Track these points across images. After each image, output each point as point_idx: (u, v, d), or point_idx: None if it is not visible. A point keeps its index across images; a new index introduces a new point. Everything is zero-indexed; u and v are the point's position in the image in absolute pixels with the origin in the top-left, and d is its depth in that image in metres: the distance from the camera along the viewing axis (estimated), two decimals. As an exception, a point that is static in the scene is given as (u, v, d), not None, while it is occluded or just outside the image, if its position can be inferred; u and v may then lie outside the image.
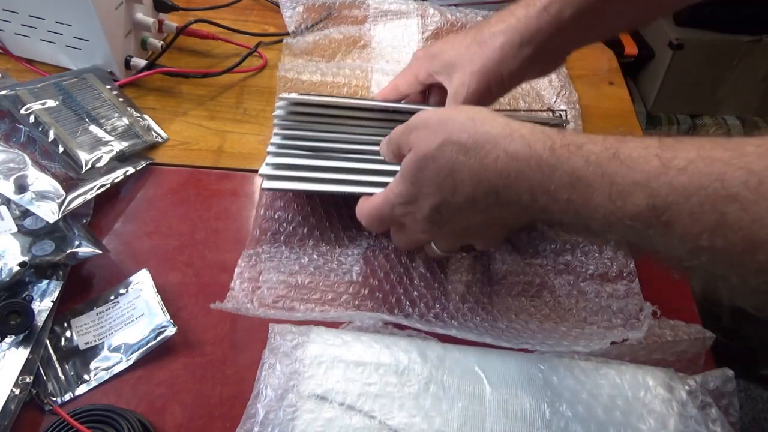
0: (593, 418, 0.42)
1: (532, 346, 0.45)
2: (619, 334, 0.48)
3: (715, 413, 0.42)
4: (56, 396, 0.43)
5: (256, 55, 0.72)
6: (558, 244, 0.55)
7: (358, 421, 0.41)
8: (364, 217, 0.47)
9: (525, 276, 0.53)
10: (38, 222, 0.50)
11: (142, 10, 0.67)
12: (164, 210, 0.56)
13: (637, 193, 0.31)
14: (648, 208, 0.30)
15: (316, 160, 0.52)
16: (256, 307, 0.49)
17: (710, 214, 0.28)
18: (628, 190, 0.31)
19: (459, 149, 0.38)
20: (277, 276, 0.51)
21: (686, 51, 1.54)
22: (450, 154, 0.38)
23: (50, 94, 0.60)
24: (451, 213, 0.41)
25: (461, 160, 0.38)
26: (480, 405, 0.42)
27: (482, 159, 0.37)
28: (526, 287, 0.52)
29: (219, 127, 0.65)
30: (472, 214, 0.41)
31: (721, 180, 0.28)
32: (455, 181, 0.39)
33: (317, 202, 0.57)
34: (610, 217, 0.32)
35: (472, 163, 0.38)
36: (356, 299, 0.50)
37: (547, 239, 0.56)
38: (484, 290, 0.52)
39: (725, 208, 0.28)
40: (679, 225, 0.30)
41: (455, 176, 0.39)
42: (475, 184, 0.38)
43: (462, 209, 0.40)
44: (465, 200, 0.39)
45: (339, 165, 0.52)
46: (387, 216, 0.45)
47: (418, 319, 0.49)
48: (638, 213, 0.31)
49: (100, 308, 0.48)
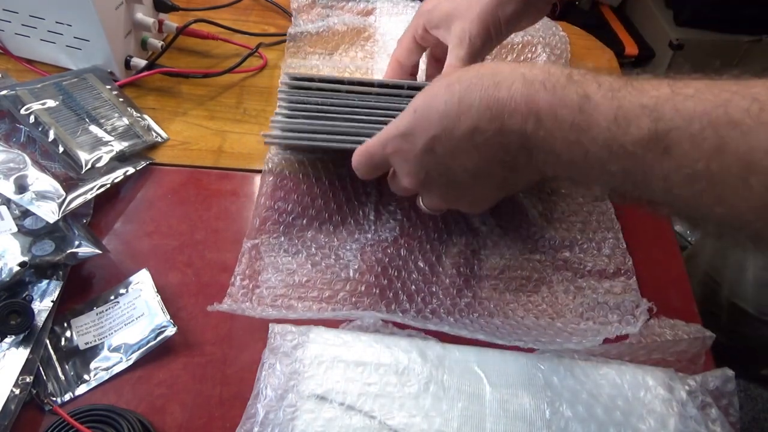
0: (593, 418, 0.42)
1: (525, 344, 0.46)
2: (612, 330, 0.48)
3: (715, 413, 0.42)
4: (56, 396, 0.43)
5: (257, 55, 0.72)
6: (557, 240, 0.56)
7: (358, 421, 0.41)
8: (356, 157, 0.47)
9: (523, 271, 0.53)
10: (38, 222, 0.50)
11: (142, 10, 0.67)
12: (164, 210, 0.56)
13: (642, 117, 0.31)
14: (650, 133, 0.31)
15: (318, 120, 0.54)
16: (254, 306, 0.49)
17: (711, 138, 0.28)
18: (635, 113, 0.31)
19: (474, 76, 0.38)
20: (275, 276, 0.51)
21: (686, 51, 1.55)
22: (466, 80, 0.38)
23: (50, 94, 0.60)
24: (445, 152, 0.40)
25: (475, 82, 0.38)
26: (480, 405, 0.42)
27: (498, 83, 0.37)
28: (524, 282, 0.53)
29: (219, 127, 0.65)
30: (467, 155, 0.39)
31: (725, 106, 0.28)
32: (462, 107, 0.38)
33: (317, 192, 0.57)
34: (612, 143, 0.32)
35: (487, 85, 0.37)
36: (353, 296, 0.51)
37: (545, 237, 0.56)
38: (481, 285, 0.52)
39: (726, 133, 0.28)
40: (678, 149, 0.30)
41: (464, 101, 0.38)
42: (483, 108, 0.37)
43: (458, 148, 0.39)
44: (465, 132, 0.38)
45: (341, 125, 0.53)
46: (378, 155, 0.45)
47: (415, 315, 0.49)
48: (641, 137, 0.31)
49: (100, 308, 0.48)
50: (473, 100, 0.37)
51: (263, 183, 0.57)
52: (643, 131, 0.31)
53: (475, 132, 0.38)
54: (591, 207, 0.59)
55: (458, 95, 0.38)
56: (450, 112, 0.38)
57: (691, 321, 0.49)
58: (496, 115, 0.37)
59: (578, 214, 0.58)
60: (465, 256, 0.54)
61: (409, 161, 0.42)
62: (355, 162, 0.48)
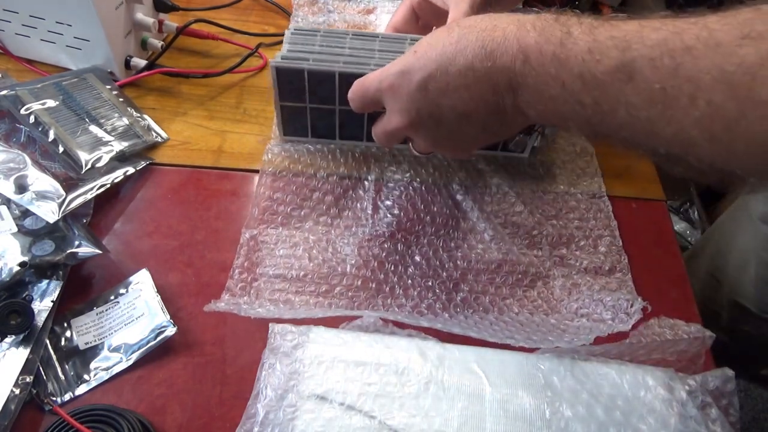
0: (593, 418, 0.42)
1: (516, 342, 0.46)
2: (605, 329, 0.48)
3: (715, 413, 0.42)
4: (56, 396, 0.43)
5: (256, 55, 0.72)
6: (554, 237, 0.56)
7: (358, 421, 0.41)
8: (352, 89, 0.48)
9: (520, 266, 0.54)
10: (38, 222, 0.50)
11: (142, 10, 0.67)
12: (164, 210, 0.56)
13: (612, 48, 0.34)
14: (618, 62, 0.33)
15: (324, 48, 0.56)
16: (252, 302, 0.49)
17: (667, 63, 0.31)
18: (606, 45, 0.34)
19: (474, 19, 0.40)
20: (273, 269, 0.52)
21: (686, 51, 1.54)
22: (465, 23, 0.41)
23: (50, 94, 0.60)
24: (438, 90, 0.42)
25: (473, 24, 0.40)
26: (480, 405, 0.42)
27: (495, 26, 0.39)
28: (520, 277, 0.53)
29: (219, 127, 0.65)
30: (457, 94, 0.41)
31: (681, 34, 0.31)
32: (458, 46, 0.40)
33: (315, 185, 0.58)
34: (585, 73, 0.35)
35: (484, 26, 0.39)
36: (350, 290, 0.51)
37: (542, 233, 0.56)
38: (478, 279, 0.53)
39: (681, 58, 0.31)
40: (640, 75, 0.33)
41: (461, 41, 0.40)
42: (478, 47, 0.39)
43: (450, 86, 0.41)
44: (460, 69, 0.40)
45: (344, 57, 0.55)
46: (373, 89, 0.46)
47: (410, 311, 0.49)
48: (610, 66, 0.34)
49: (100, 308, 0.48)
50: (470, 40, 0.39)
51: (262, 174, 0.58)
52: (612, 60, 0.34)
53: (469, 70, 0.40)
54: (588, 204, 0.59)
55: (456, 35, 0.40)
56: (447, 50, 0.40)
57: (691, 321, 0.49)
58: (489, 54, 0.39)
59: (575, 211, 0.59)
60: (462, 250, 0.54)
61: (402, 98, 0.44)
62: (351, 93, 0.49)
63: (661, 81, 0.32)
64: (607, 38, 0.34)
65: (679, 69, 0.31)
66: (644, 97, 0.33)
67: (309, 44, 0.56)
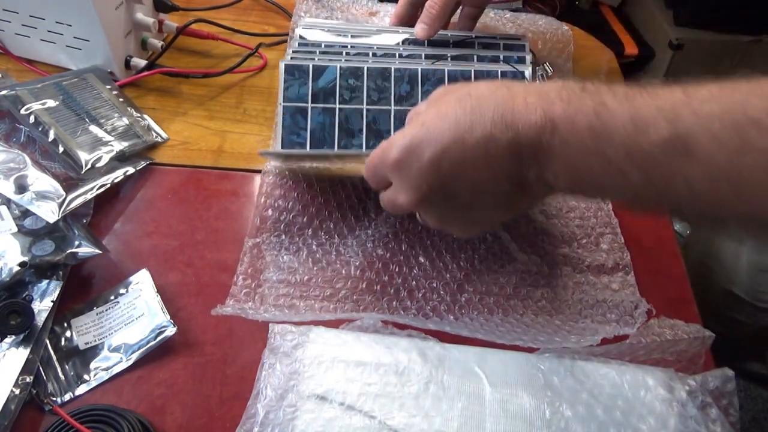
0: (593, 418, 0.42)
1: (524, 342, 0.46)
2: (610, 331, 0.48)
3: (715, 413, 0.42)
4: (56, 396, 0.43)
5: (257, 55, 0.72)
6: (556, 236, 0.56)
7: (358, 421, 0.41)
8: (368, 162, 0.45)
9: (523, 265, 0.54)
10: (38, 222, 0.50)
11: (142, 10, 0.67)
12: (164, 210, 0.56)
13: (660, 119, 0.31)
14: (670, 134, 0.31)
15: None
16: (257, 306, 0.49)
17: (733, 138, 0.29)
18: (652, 116, 0.32)
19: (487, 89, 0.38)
20: (277, 274, 0.51)
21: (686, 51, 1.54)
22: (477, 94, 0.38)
23: (50, 94, 0.60)
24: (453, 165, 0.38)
25: (487, 95, 0.37)
26: (480, 405, 0.42)
27: (514, 95, 0.36)
28: (523, 276, 0.53)
29: (219, 127, 0.65)
30: (475, 167, 0.38)
31: (743, 106, 0.29)
32: (474, 117, 0.37)
33: (316, 190, 0.58)
34: (631, 146, 0.32)
35: (501, 96, 0.37)
36: (355, 293, 0.51)
37: (544, 232, 0.56)
38: (482, 279, 0.53)
39: (747, 132, 0.29)
40: (701, 150, 0.30)
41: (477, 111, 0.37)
42: (497, 117, 0.36)
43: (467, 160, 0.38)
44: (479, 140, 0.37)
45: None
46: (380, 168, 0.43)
47: (416, 313, 0.49)
48: (660, 139, 0.31)
49: (100, 308, 0.48)
50: (487, 110, 0.37)
51: (263, 182, 0.58)
52: (662, 133, 0.31)
53: (489, 141, 0.37)
54: (588, 203, 0.59)
55: (470, 106, 0.37)
56: (462, 120, 0.37)
57: (691, 321, 0.49)
58: (510, 124, 0.36)
59: (576, 210, 0.59)
60: (465, 251, 0.54)
61: (411, 176, 0.40)
62: (365, 170, 0.46)
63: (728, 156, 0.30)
64: (652, 108, 0.32)
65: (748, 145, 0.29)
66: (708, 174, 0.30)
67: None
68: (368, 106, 0.58)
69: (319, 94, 0.58)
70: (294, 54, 0.58)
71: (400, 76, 0.59)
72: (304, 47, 0.60)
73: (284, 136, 0.59)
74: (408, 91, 0.59)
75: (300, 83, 0.57)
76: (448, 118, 0.38)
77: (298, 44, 0.60)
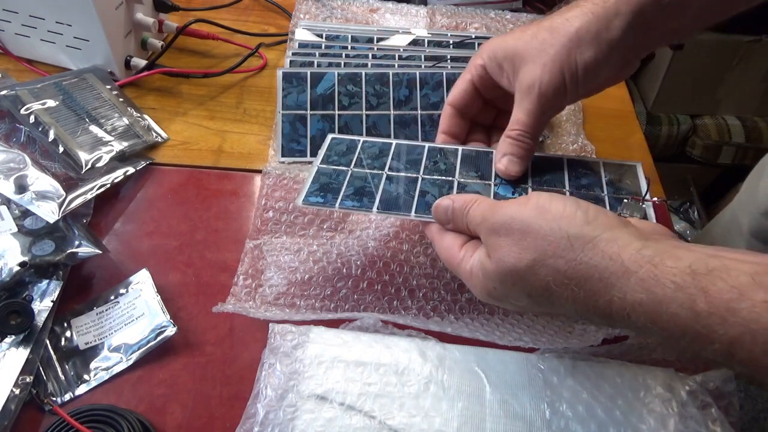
0: (593, 418, 0.42)
1: (526, 343, 0.46)
2: (611, 331, 0.48)
3: (715, 413, 0.42)
4: (56, 396, 0.43)
5: (257, 55, 0.72)
6: None
7: (358, 421, 0.41)
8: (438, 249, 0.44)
9: None
10: (38, 222, 0.50)
11: (142, 10, 0.67)
12: (164, 210, 0.56)
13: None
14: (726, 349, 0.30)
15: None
16: (258, 305, 0.49)
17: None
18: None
19: (556, 277, 0.35)
20: (278, 274, 0.51)
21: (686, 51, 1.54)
22: (545, 279, 0.35)
23: (50, 94, 0.60)
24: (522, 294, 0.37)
25: (559, 292, 0.35)
26: (480, 405, 0.42)
27: (591, 295, 0.34)
28: None
29: (219, 127, 0.65)
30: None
31: None
32: (553, 301, 0.36)
33: None
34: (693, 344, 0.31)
35: (579, 296, 0.34)
36: (355, 293, 0.51)
37: None
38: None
39: None
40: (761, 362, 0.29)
41: (554, 299, 0.36)
42: (579, 311, 0.35)
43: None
44: (557, 309, 0.37)
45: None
46: (457, 269, 0.41)
47: (416, 313, 0.49)
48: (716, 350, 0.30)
49: (100, 308, 0.48)
50: (565, 302, 0.35)
51: (264, 184, 0.57)
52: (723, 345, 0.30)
53: (570, 316, 0.37)
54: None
55: (543, 289, 0.35)
56: (540, 301, 0.36)
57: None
58: (593, 316, 0.35)
59: None
60: None
61: (476, 287, 0.39)
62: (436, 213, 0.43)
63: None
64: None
65: None
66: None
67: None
68: (367, 112, 0.58)
69: (318, 101, 0.58)
70: (293, 56, 0.58)
71: (398, 81, 0.59)
72: (304, 48, 0.60)
73: (284, 144, 0.59)
74: (407, 95, 0.59)
75: (298, 91, 0.57)
76: (523, 297, 0.37)
77: (298, 45, 0.60)
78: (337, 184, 0.48)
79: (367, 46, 0.62)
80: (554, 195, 0.37)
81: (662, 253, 0.32)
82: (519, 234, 0.36)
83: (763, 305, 0.29)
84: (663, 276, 0.31)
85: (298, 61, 0.58)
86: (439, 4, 0.82)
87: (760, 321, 0.29)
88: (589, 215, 0.35)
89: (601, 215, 0.35)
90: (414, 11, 0.80)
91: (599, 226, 0.34)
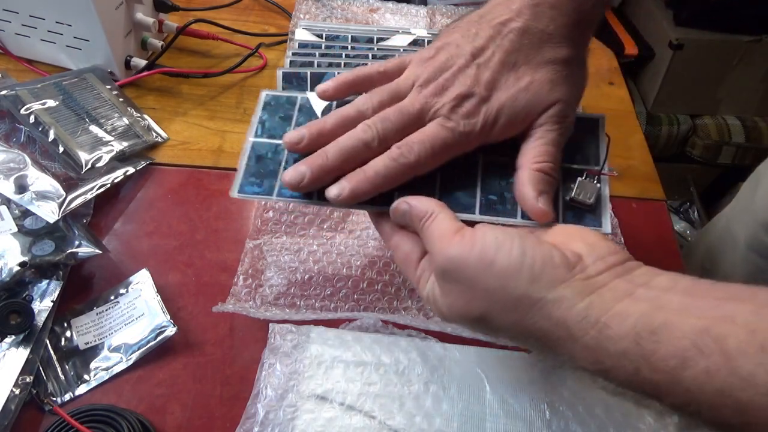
0: (593, 418, 0.42)
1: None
2: None
3: (715, 413, 0.42)
4: (56, 396, 0.43)
5: (257, 55, 0.72)
6: None
7: (358, 421, 0.41)
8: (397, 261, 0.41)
9: None
10: (38, 222, 0.50)
11: (142, 10, 0.67)
12: (164, 210, 0.56)
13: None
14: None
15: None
16: (257, 305, 0.49)
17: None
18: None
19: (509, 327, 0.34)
20: (278, 274, 0.51)
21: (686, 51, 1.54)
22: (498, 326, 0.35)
23: (50, 94, 0.60)
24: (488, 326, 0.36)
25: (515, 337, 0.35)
26: (480, 405, 0.42)
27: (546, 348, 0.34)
28: None
29: (219, 127, 0.65)
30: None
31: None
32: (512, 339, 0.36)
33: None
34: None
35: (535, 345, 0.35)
36: (355, 293, 0.51)
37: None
38: None
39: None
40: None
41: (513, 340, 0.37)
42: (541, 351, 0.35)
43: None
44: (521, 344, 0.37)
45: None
46: (415, 285, 0.39)
47: (416, 313, 0.49)
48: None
49: (100, 308, 0.48)
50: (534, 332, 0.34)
51: None
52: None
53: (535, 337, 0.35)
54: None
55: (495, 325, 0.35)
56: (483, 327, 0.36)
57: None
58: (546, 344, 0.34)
59: None
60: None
61: (437, 303, 0.37)
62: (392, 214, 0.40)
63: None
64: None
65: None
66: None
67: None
68: None
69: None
70: (293, 56, 0.57)
71: None
72: (304, 48, 0.60)
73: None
74: None
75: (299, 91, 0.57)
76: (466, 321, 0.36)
77: (298, 45, 0.60)
78: (275, 165, 0.38)
79: (367, 47, 0.62)
80: (500, 238, 0.34)
81: (607, 311, 0.32)
82: (465, 286, 0.35)
83: (704, 376, 0.28)
84: (607, 342, 0.31)
85: (298, 61, 0.57)
86: (439, 4, 0.82)
87: (704, 390, 0.28)
88: (535, 270, 0.33)
89: (547, 269, 0.33)
90: (414, 11, 0.80)
91: (544, 286, 0.33)
